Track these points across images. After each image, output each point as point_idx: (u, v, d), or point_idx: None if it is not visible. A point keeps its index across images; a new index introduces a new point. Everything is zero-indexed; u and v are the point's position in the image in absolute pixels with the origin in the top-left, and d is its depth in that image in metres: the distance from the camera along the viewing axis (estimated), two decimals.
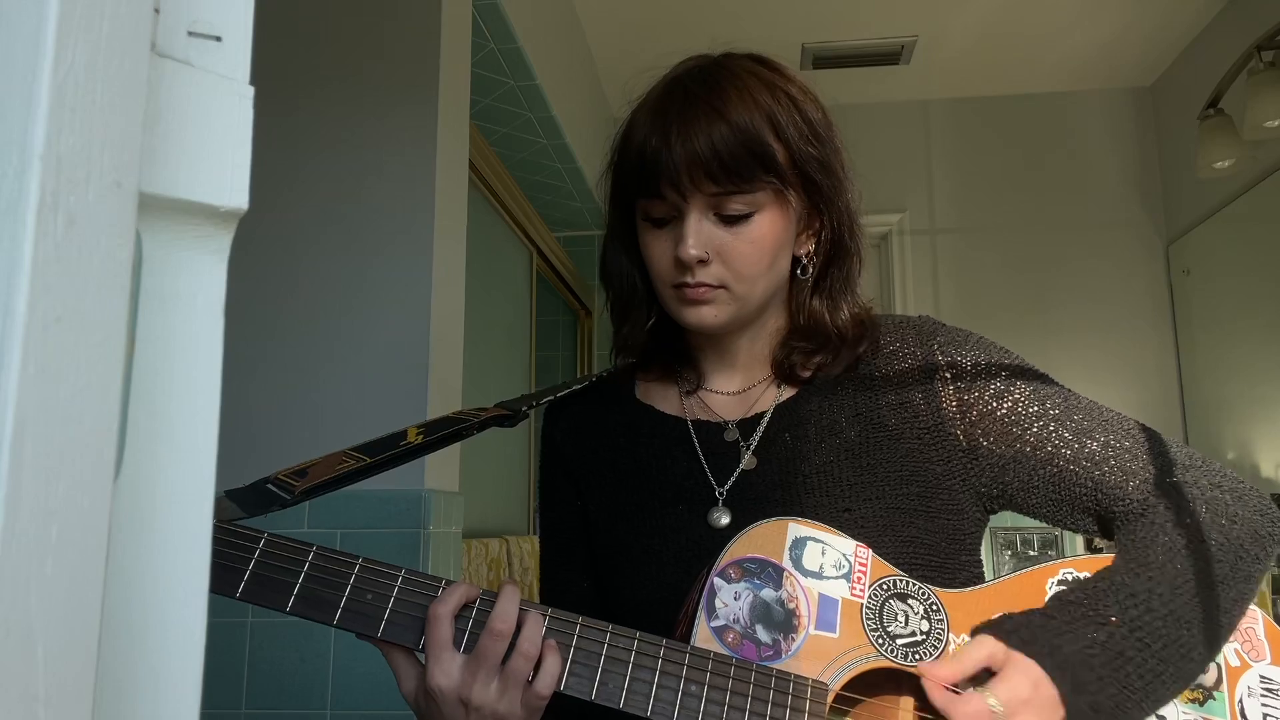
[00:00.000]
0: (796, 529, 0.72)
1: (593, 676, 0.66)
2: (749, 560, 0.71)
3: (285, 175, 1.48)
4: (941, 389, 0.79)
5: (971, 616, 0.72)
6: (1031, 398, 0.78)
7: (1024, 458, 0.77)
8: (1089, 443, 0.76)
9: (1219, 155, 2.50)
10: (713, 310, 0.78)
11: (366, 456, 0.78)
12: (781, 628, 0.69)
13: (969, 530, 0.79)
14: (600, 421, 0.90)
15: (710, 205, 0.76)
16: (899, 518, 0.76)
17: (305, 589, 0.65)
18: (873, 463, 0.78)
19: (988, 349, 0.82)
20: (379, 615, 0.66)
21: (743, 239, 0.76)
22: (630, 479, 0.85)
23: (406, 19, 1.52)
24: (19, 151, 0.24)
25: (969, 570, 0.79)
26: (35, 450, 0.23)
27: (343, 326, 1.44)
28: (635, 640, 0.67)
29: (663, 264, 0.79)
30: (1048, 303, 3.10)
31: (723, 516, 0.79)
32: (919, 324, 0.84)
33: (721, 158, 0.73)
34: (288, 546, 0.67)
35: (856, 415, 0.80)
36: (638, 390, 0.90)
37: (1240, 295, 2.68)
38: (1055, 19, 2.82)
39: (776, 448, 0.81)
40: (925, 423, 0.79)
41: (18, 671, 0.22)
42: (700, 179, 0.74)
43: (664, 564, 0.79)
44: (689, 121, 0.74)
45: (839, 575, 0.71)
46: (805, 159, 0.77)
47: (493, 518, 2.22)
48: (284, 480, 0.75)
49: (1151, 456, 0.76)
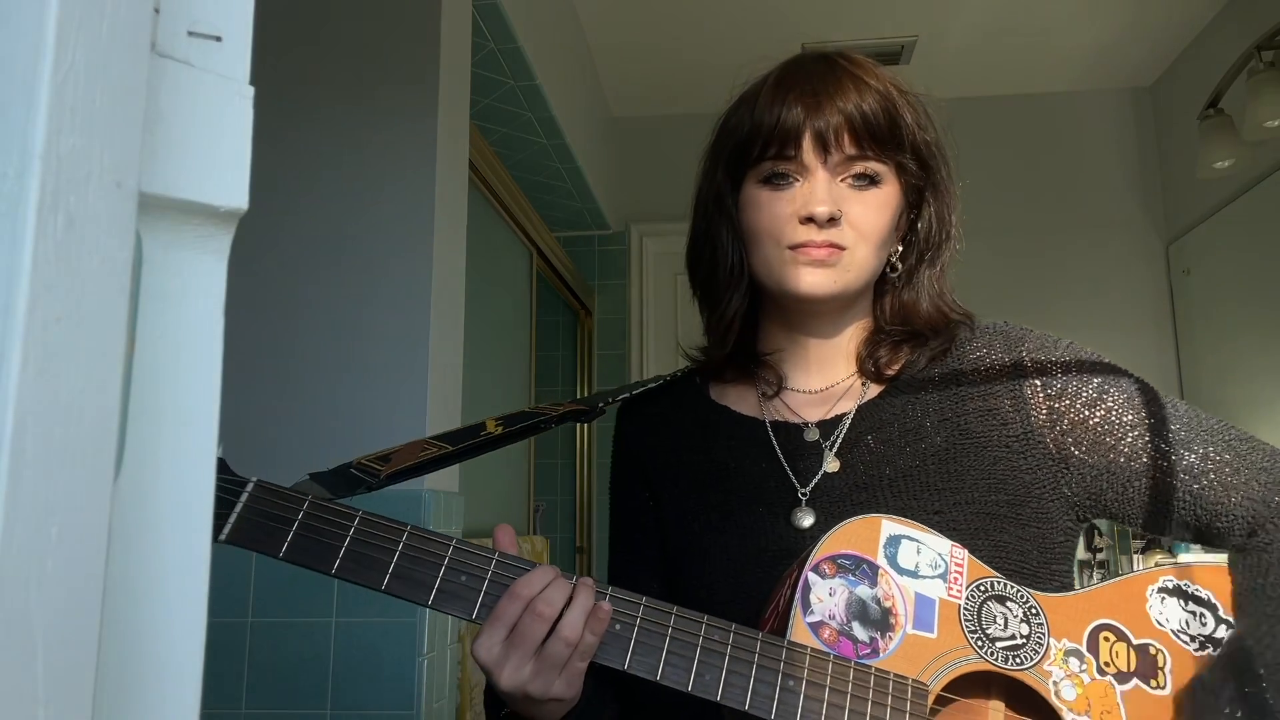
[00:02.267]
0: (891, 526, 0.70)
1: (689, 668, 0.65)
2: (843, 556, 0.69)
3: (285, 175, 1.48)
4: (1031, 396, 0.78)
5: (1072, 621, 0.70)
6: (1125, 406, 0.76)
7: (1118, 469, 0.75)
8: (1186, 455, 0.74)
9: (1219, 155, 2.49)
10: (830, 275, 0.77)
11: (449, 445, 0.79)
12: (878, 626, 0.68)
13: (1059, 540, 0.77)
14: (675, 421, 0.89)
15: (843, 167, 0.78)
16: (990, 523, 0.74)
17: (401, 567, 0.66)
18: (959, 469, 0.76)
19: (1079, 355, 0.80)
20: (474, 597, 0.67)
21: (868, 204, 0.78)
22: (706, 480, 0.84)
23: (406, 19, 1.52)
24: (19, 151, 0.24)
25: (1060, 579, 0.77)
26: (35, 450, 0.23)
27: (343, 327, 1.44)
28: (731, 633, 0.66)
29: (781, 224, 0.78)
30: (1047, 302, 3.10)
31: (806, 517, 0.77)
32: (1007, 330, 0.83)
33: (869, 120, 0.76)
34: (383, 525, 0.68)
35: (942, 420, 0.79)
36: (711, 391, 0.89)
37: (1240, 295, 2.68)
38: (1055, 19, 2.82)
39: (860, 450, 0.79)
40: (1014, 431, 0.77)
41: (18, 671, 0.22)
42: (844, 139, 0.76)
43: (743, 564, 0.78)
44: (838, 85, 0.77)
45: (935, 575, 0.69)
46: (921, 143, 0.80)
47: (493, 518, 2.22)
48: (367, 465, 0.76)
49: (1255, 471, 0.73)
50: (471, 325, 1.67)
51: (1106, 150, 3.22)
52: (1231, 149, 2.47)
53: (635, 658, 0.66)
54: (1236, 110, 2.44)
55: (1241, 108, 2.38)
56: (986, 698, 0.71)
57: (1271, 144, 2.39)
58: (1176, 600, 0.72)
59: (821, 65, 0.80)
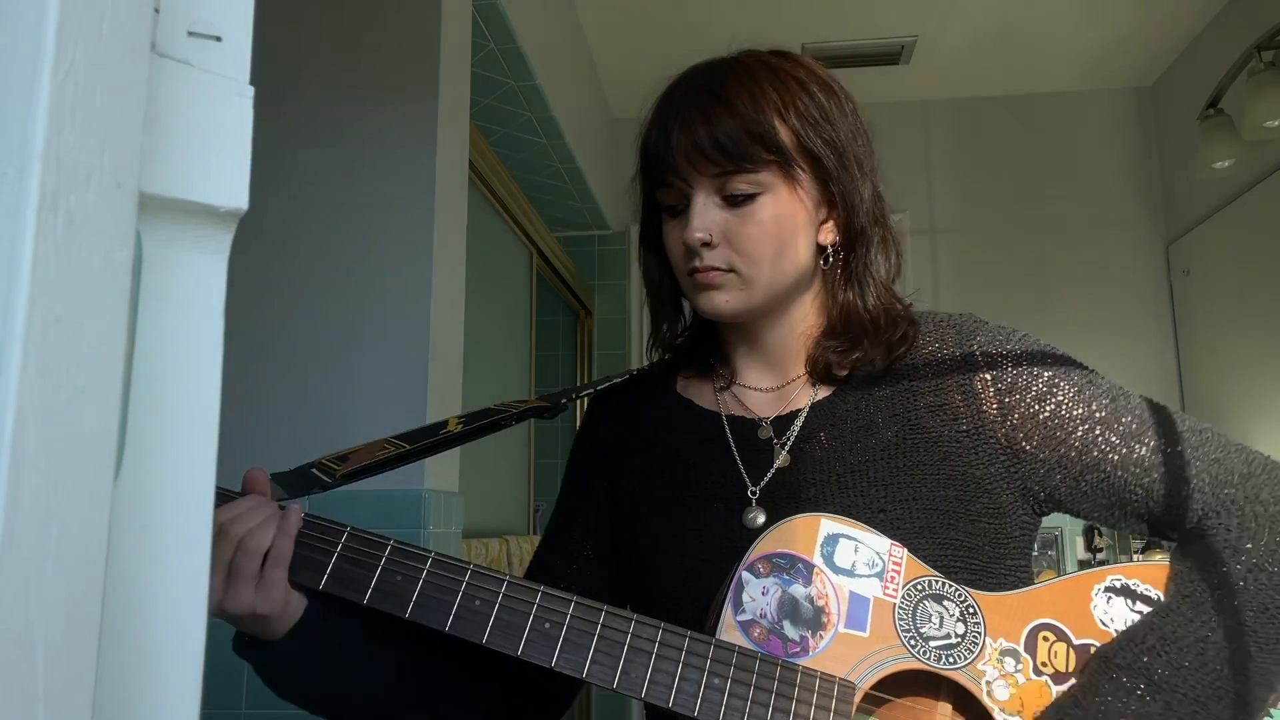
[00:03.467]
0: (830, 525, 0.71)
1: (615, 665, 0.66)
2: (778, 555, 0.70)
3: (285, 175, 1.48)
4: (981, 390, 0.77)
5: (1010, 620, 0.70)
6: (1076, 399, 0.75)
7: (1069, 463, 0.75)
8: (1138, 448, 0.73)
9: (1219, 155, 2.49)
10: (724, 295, 0.78)
11: (406, 444, 0.79)
12: (810, 624, 0.68)
13: (1014, 534, 0.77)
14: (642, 413, 0.90)
15: (715, 188, 0.77)
16: (937, 520, 0.74)
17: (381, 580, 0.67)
18: (909, 464, 0.76)
19: (1031, 348, 0.79)
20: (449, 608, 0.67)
21: (748, 221, 0.76)
22: (666, 473, 0.84)
23: (406, 19, 1.52)
24: (19, 151, 0.24)
25: (1016, 575, 0.77)
26: (35, 450, 0.23)
27: (343, 327, 1.44)
28: (660, 630, 0.67)
29: (677, 251, 0.80)
30: (1047, 302, 3.10)
31: (758, 516, 0.77)
32: (959, 322, 0.82)
33: (718, 139, 0.75)
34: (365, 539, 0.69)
35: (894, 415, 0.79)
36: (678, 384, 0.90)
37: (1240, 295, 2.68)
38: (1055, 19, 2.82)
39: (811, 447, 0.79)
40: (965, 425, 0.77)
41: (18, 671, 0.22)
42: (700, 161, 0.76)
43: (695, 559, 0.78)
44: (688, 108, 0.77)
45: (871, 574, 0.70)
46: (813, 140, 0.77)
47: (493, 518, 2.22)
48: (326, 465, 0.77)
49: (1207, 463, 0.72)
50: (471, 325, 1.67)
51: (1106, 150, 3.22)
52: (1231, 149, 2.47)
53: (562, 655, 0.66)
54: (1236, 110, 2.44)
55: (1241, 108, 2.38)
56: (935, 699, 0.71)
57: (1271, 144, 2.39)
58: (1124, 600, 0.71)
59: (696, 76, 0.80)
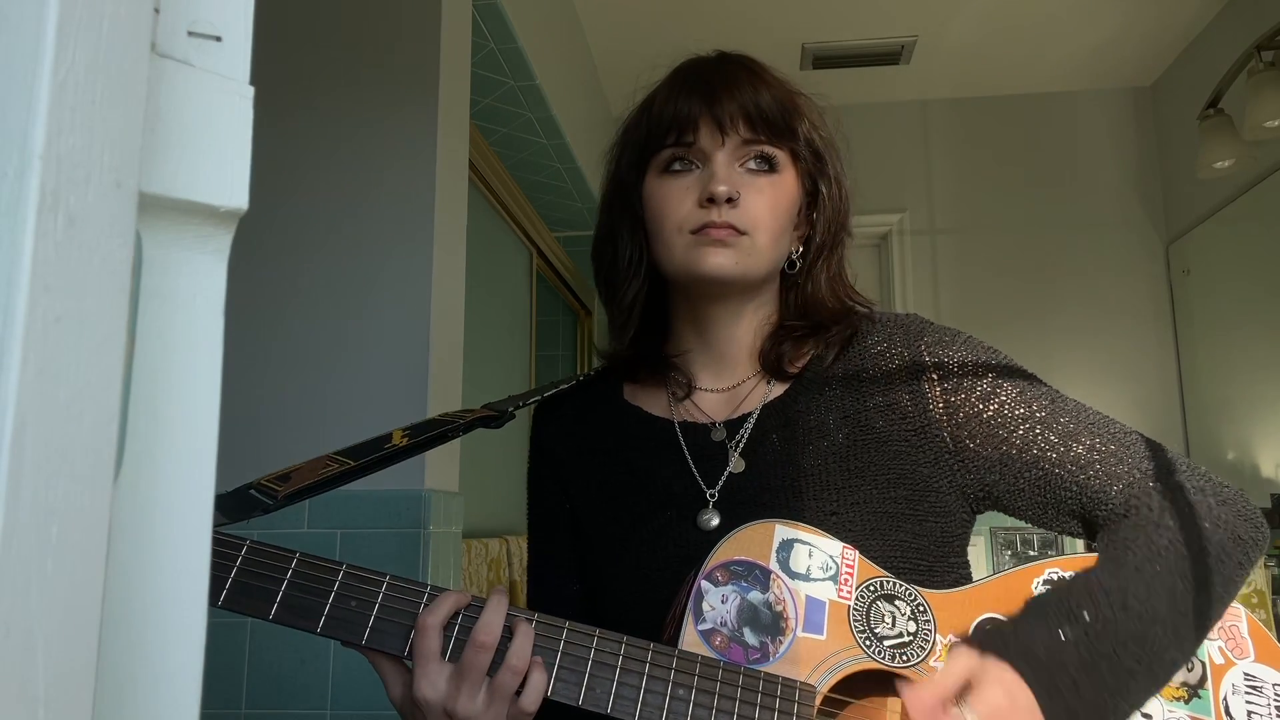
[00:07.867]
0: (784, 531, 0.72)
1: (580, 682, 0.66)
2: (736, 563, 0.71)
3: (285, 175, 1.48)
4: (929, 390, 0.79)
5: (959, 617, 0.72)
6: (1018, 399, 0.78)
7: (1010, 460, 0.77)
8: (1075, 446, 0.76)
9: (1219, 155, 2.49)
10: (732, 256, 0.78)
11: (350, 460, 0.77)
12: (769, 630, 0.69)
13: (957, 533, 0.79)
14: (589, 422, 0.89)
15: (737, 155, 0.79)
16: (886, 522, 0.75)
17: (289, 596, 0.65)
18: (860, 466, 0.77)
19: (975, 349, 0.81)
20: (363, 623, 0.66)
21: (765, 191, 0.79)
22: (618, 482, 0.84)
23: (406, 19, 1.52)
24: (19, 151, 0.24)
25: (957, 572, 0.79)
26: (35, 450, 0.23)
27: (343, 327, 1.44)
28: (623, 645, 0.67)
29: (683, 208, 0.79)
30: (1047, 303, 3.10)
31: (713, 519, 0.78)
32: (907, 322, 0.84)
33: (762, 109, 0.79)
34: (271, 553, 0.66)
35: (844, 417, 0.80)
36: (625, 391, 0.90)
37: (1240, 295, 2.68)
38: (1055, 19, 2.82)
39: (764, 449, 0.80)
40: (913, 424, 0.79)
41: (18, 671, 0.22)
42: (738, 123, 0.79)
43: (653, 567, 0.79)
44: (733, 79, 0.80)
45: (826, 577, 0.71)
46: (814, 136, 0.83)
47: (493, 518, 2.22)
48: (266, 485, 0.74)
49: (1137, 460, 0.75)
50: (471, 325, 1.67)
51: (1106, 150, 3.22)
52: (1231, 149, 2.47)
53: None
54: (1236, 110, 2.44)
55: (1241, 108, 2.38)
56: (885, 697, 0.72)
57: (1271, 144, 2.39)
58: None
59: (717, 62, 0.84)
